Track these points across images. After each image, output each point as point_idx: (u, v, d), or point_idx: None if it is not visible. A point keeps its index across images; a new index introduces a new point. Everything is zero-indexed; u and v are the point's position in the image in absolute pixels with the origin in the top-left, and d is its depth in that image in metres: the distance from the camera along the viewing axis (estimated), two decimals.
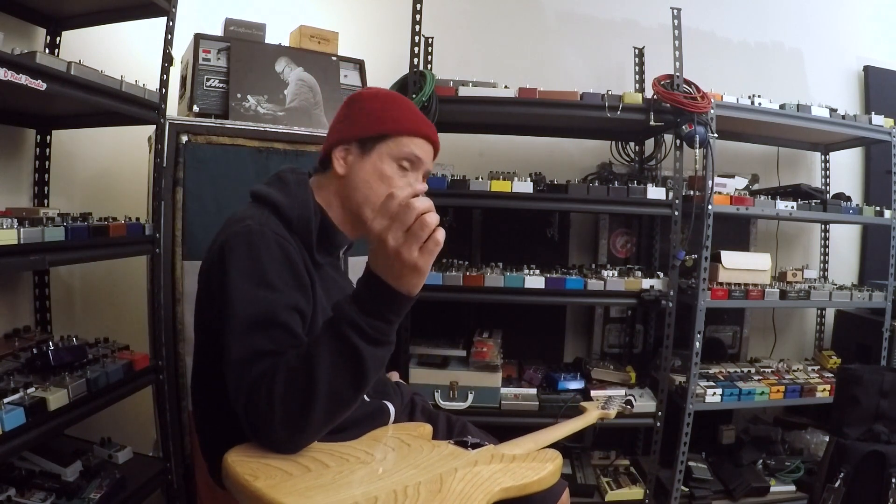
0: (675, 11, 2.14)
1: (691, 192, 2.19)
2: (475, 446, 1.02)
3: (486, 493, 0.87)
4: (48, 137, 1.92)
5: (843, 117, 2.38)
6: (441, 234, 0.79)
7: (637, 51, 2.61)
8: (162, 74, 1.74)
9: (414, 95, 2.01)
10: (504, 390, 2.21)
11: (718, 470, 2.38)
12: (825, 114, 2.36)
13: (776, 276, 2.54)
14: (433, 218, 0.78)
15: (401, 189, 0.80)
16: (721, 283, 2.24)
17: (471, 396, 2.16)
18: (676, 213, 2.16)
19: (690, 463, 2.30)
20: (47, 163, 1.92)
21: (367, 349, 0.81)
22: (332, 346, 0.81)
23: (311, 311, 1.00)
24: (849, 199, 2.51)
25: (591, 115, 2.13)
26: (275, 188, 1.09)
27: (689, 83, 2.14)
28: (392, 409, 1.19)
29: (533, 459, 0.99)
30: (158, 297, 1.75)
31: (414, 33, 2.06)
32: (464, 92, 2.10)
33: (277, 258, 0.97)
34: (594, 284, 2.16)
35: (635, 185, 2.20)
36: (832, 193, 2.67)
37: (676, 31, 2.14)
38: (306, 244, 1.06)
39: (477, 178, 2.13)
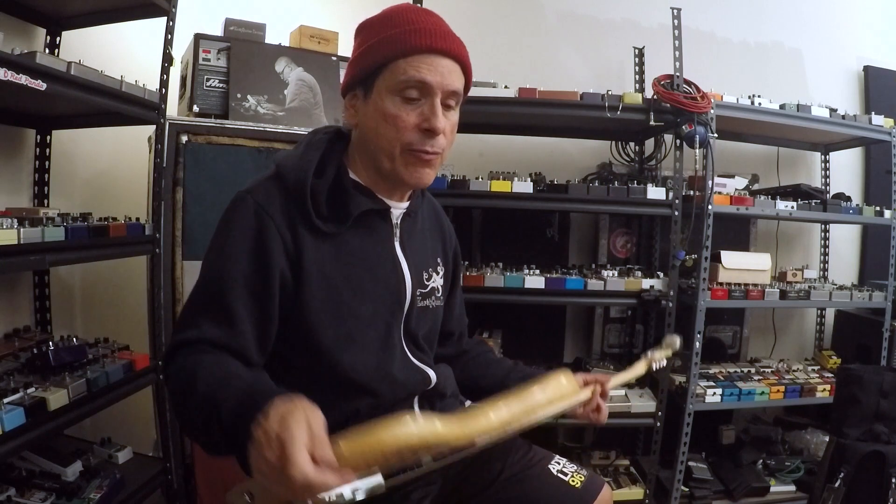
0: (675, 11, 2.13)
1: (691, 192, 2.19)
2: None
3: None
4: (48, 137, 1.92)
5: (843, 117, 2.38)
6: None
7: (637, 51, 2.61)
8: (162, 74, 1.75)
9: None
10: None
11: (718, 470, 2.38)
12: (825, 114, 2.35)
13: (776, 276, 2.54)
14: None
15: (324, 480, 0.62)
16: (721, 283, 2.24)
17: None
18: (676, 213, 2.15)
19: (690, 463, 2.29)
20: (47, 163, 1.92)
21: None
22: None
23: (280, 285, 0.93)
24: (849, 199, 2.51)
25: (591, 115, 2.12)
26: (292, 150, 1.02)
27: (689, 83, 2.14)
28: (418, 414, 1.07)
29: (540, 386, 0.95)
30: (158, 297, 1.76)
31: None
32: None
33: (248, 229, 0.92)
34: (594, 284, 2.16)
35: (635, 185, 2.20)
36: (832, 193, 2.67)
37: (676, 31, 2.13)
38: (302, 211, 0.95)
39: (477, 178, 2.13)
